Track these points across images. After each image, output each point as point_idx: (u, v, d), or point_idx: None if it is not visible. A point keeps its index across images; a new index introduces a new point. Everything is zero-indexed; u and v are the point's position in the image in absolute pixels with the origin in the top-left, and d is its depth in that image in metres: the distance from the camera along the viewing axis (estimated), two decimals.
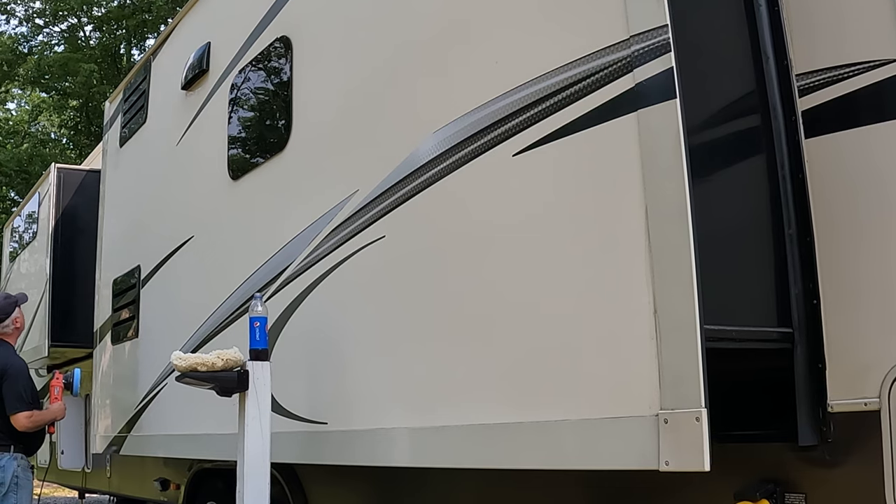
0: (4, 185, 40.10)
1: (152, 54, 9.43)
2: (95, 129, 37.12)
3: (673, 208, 3.59)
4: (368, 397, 5.45)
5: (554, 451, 4.11)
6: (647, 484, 4.15)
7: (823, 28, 4.11)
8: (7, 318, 8.33)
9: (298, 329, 6.11)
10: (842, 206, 3.92)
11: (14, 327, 8.35)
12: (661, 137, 3.67)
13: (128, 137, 9.75)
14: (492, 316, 4.53)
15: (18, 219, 14.30)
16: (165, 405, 8.17)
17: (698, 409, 3.42)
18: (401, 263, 5.21)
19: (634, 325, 3.72)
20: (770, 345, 4.02)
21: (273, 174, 6.64)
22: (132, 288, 9.09)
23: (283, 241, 6.26)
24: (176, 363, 5.69)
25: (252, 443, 5.58)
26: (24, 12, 40.83)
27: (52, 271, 11.51)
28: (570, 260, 4.13)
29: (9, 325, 8.32)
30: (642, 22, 3.79)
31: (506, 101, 4.46)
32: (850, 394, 3.74)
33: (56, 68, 39.24)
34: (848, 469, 3.77)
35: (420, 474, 5.46)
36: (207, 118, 7.72)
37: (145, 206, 9.12)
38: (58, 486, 15.77)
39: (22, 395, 7.97)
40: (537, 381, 4.23)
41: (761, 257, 4.13)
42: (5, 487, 7.66)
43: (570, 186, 4.18)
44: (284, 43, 6.58)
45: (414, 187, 5.05)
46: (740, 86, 4.30)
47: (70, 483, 13.65)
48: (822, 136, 4.02)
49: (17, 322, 8.39)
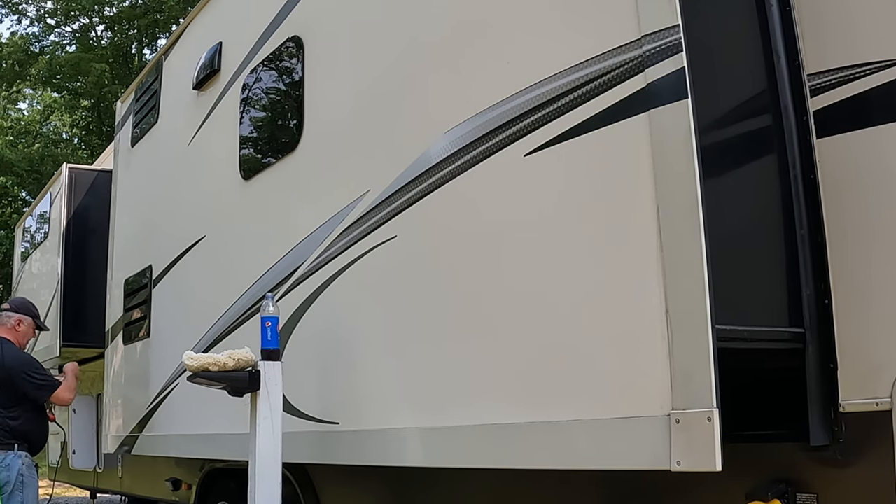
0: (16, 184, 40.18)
1: (164, 54, 9.44)
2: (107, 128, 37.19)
3: (684, 208, 3.59)
4: (380, 397, 5.46)
5: (565, 451, 4.11)
6: (658, 484, 4.15)
7: (835, 28, 4.11)
8: (12, 313, 8.38)
9: (310, 329, 6.12)
10: (853, 206, 3.91)
11: (12, 324, 8.36)
12: (673, 137, 3.67)
13: (139, 137, 9.76)
14: (503, 316, 4.53)
15: (30, 219, 14.33)
16: (177, 405, 8.18)
17: (710, 409, 3.42)
18: (412, 263, 5.21)
19: (646, 325, 3.72)
20: (781, 345, 4.02)
21: (285, 174, 6.65)
22: (144, 288, 9.10)
23: (295, 242, 6.27)
24: (187, 363, 5.69)
25: (264, 443, 5.58)
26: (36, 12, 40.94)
27: (64, 271, 11.54)
28: (581, 260, 4.13)
29: (11, 318, 8.35)
30: (654, 22, 3.79)
31: (517, 100, 4.46)
32: (862, 394, 3.74)
33: (68, 68, 39.33)
34: (860, 469, 3.77)
35: (431, 474, 5.46)
36: (219, 118, 7.73)
37: (157, 206, 9.13)
38: (69, 486, 15.79)
39: (41, 382, 8.02)
40: (549, 381, 4.23)
41: (773, 257, 4.12)
42: (11, 486, 7.66)
43: (581, 186, 4.18)
44: (296, 43, 6.59)
45: (425, 187, 5.06)
46: (752, 85, 4.29)
47: (81, 483, 13.67)
48: (834, 136, 4.02)
49: (19, 324, 8.41)
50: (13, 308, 8.53)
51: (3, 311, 8.48)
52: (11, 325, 8.37)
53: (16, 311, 8.46)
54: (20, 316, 8.45)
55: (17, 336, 8.36)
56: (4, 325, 8.34)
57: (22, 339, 8.45)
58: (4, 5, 40.45)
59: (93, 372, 11.45)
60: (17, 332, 8.38)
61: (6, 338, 8.23)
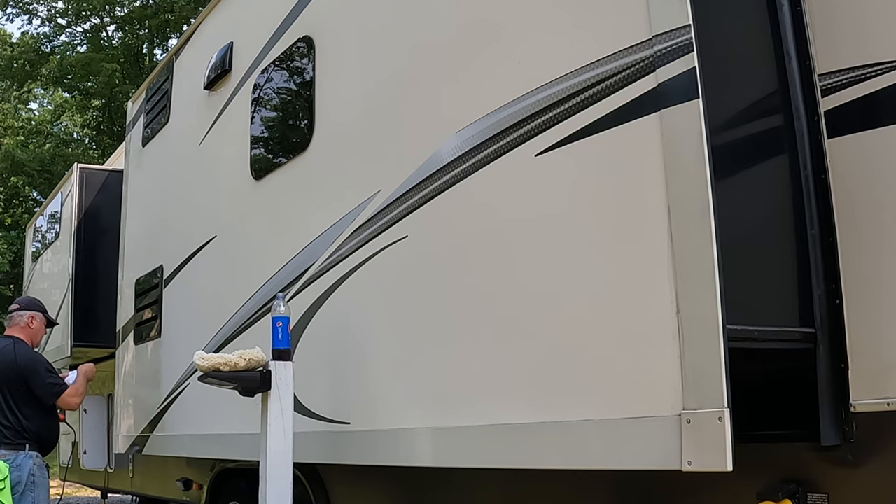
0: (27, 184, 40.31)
1: (175, 54, 9.46)
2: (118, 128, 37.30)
3: (696, 208, 3.59)
4: (391, 397, 5.46)
5: (576, 451, 4.11)
6: (669, 484, 4.16)
7: (846, 27, 4.10)
8: (24, 311, 8.39)
9: (321, 329, 6.12)
10: (864, 206, 3.91)
11: (25, 322, 8.37)
12: (684, 137, 3.67)
13: (150, 137, 9.78)
14: (514, 316, 4.54)
15: (41, 219, 14.36)
16: (188, 405, 8.19)
17: (721, 409, 3.42)
18: (423, 263, 5.22)
19: (657, 325, 3.72)
20: (792, 345, 4.02)
21: (295, 174, 6.66)
22: (155, 288, 9.12)
23: (306, 242, 6.27)
24: (198, 363, 5.70)
25: (275, 442, 5.59)
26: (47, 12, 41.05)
27: (75, 271, 11.56)
28: (592, 260, 4.13)
29: (23, 317, 8.36)
30: (665, 22, 3.79)
31: (528, 101, 4.46)
32: (873, 394, 3.74)
33: (78, 68, 39.46)
34: (871, 469, 3.77)
35: (442, 474, 5.46)
36: (230, 118, 7.74)
37: (168, 206, 9.15)
38: (80, 486, 15.83)
39: (51, 383, 8.03)
40: (560, 381, 4.23)
41: (784, 257, 4.12)
42: (22, 486, 7.66)
43: (592, 186, 4.18)
44: (307, 43, 6.60)
45: (436, 187, 5.06)
46: (763, 86, 4.29)
47: (93, 483, 13.70)
48: (845, 136, 4.01)
49: (32, 320, 8.42)
50: (23, 306, 8.53)
51: (13, 311, 8.48)
52: (25, 322, 8.36)
53: (26, 309, 8.47)
54: (32, 312, 8.45)
55: (31, 334, 8.36)
56: (18, 324, 8.34)
57: (35, 336, 8.44)
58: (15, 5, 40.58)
59: (103, 372, 11.45)
60: (30, 329, 8.37)
61: (19, 337, 8.24)
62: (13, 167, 38.28)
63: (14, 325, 8.35)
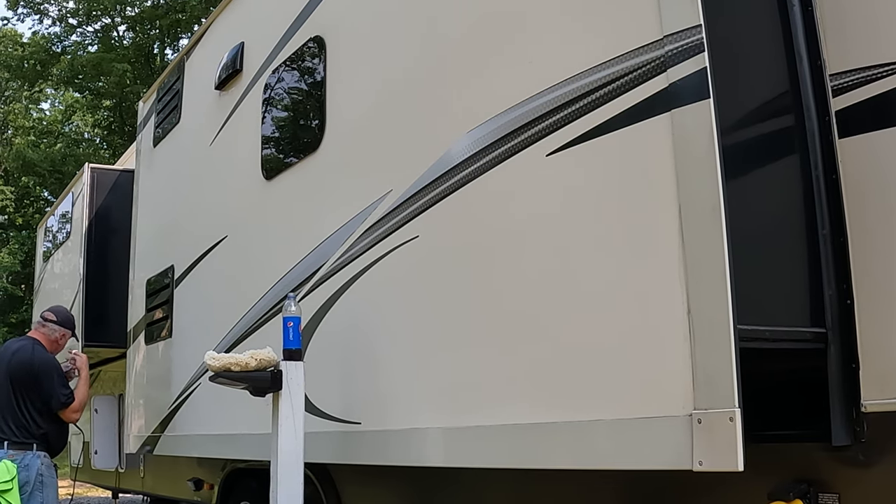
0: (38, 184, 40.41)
1: (186, 54, 9.47)
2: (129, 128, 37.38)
3: (707, 208, 3.59)
4: (402, 397, 5.47)
5: (587, 451, 4.11)
6: (680, 484, 4.15)
7: (857, 27, 4.09)
8: (58, 326, 8.42)
9: (332, 329, 6.13)
10: (875, 206, 3.90)
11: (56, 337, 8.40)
12: (695, 137, 3.67)
13: (161, 137, 9.80)
14: (524, 315, 4.54)
15: (52, 218, 14.39)
16: (199, 405, 8.21)
17: (732, 409, 3.42)
18: (434, 263, 5.22)
19: (668, 325, 3.72)
20: (803, 345, 4.01)
21: (307, 174, 6.66)
22: (166, 288, 9.13)
23: (317, 241, 6.28)
24: (209, 363, 5.70)
25: (286, 443, 5.59)
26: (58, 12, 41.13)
27: (86, 271, 11.59)
28: (602, 260, 4.13)
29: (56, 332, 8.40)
30: (676, 22, 3.79)
31: (540, 100, 4.46)
32: (884, 394, 3.73)
33: (89, 68, 39.54)
34: (882, 469, 3.76)
35: (452, 474, 5.46)
36: (241, 118, 7.75)
37: (179, 206, 9.16)
38: (91, 486, 15.85)
39: (61, 391, 8.03)
40: (571, 381, 4.23)
41: (795, 257, 4.12)
42: (30, 486, 7.68)
43: (603, 186, 4.18)
44: (318, 43, 6.60)
45: (447, 187, 5.06)
46: (774, 86, 4.29)
47: (103, 483, 13.74)
48: (856, 136, 4.00)
49: (62, 338, 8.47)
50: (59, 321, 8.53)
51: (47, 320, 8.48)
52: (55, 337, 8.42)
53: (61, 326, 8.50)
54: (65, 331, 8.52)
55: (54, 346, 8.40)
56: (47, 335, 8.37)
57: (56, 350, 8.46)
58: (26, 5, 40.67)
59: (114, 372, 11.49)
60: (57, 344, 8.43)
61: (39, 340, 8.27)
62: (24, 167, 38.41)
63: (41, 332, 8.37)
